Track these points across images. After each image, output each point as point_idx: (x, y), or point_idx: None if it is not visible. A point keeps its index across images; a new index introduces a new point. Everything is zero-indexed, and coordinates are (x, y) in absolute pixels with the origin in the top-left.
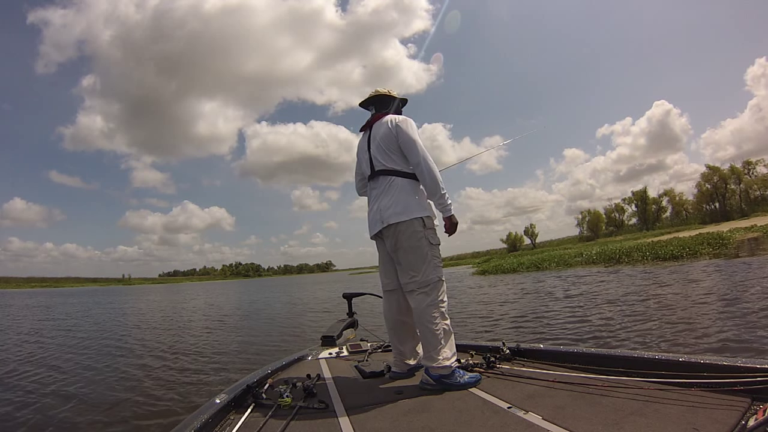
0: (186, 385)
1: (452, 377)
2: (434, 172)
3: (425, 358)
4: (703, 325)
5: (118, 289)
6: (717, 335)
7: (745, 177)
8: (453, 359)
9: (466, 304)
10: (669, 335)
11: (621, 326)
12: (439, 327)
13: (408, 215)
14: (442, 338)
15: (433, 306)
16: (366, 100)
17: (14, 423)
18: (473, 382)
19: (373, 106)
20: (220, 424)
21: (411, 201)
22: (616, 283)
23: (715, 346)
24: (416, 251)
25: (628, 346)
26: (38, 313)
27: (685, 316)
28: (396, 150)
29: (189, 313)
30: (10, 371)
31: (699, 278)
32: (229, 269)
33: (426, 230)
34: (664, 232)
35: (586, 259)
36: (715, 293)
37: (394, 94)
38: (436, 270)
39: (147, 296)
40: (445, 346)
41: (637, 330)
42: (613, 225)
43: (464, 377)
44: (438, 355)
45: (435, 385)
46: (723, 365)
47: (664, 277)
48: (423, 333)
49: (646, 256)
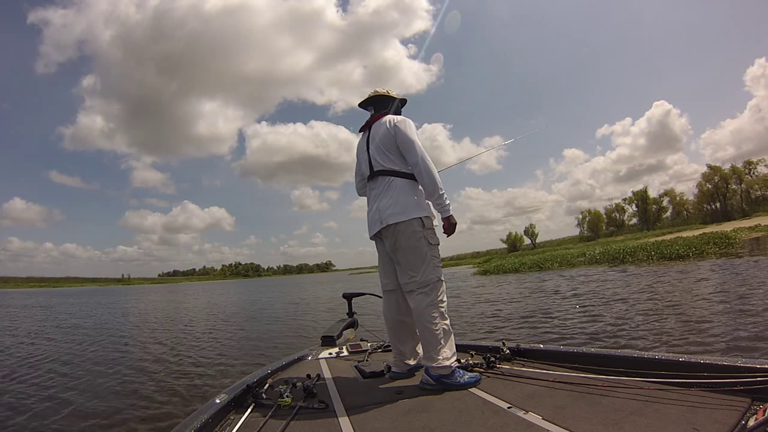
0: (186, 385)
1: (452, 377)
2: (432, 172)
3: (425, 358)
4: (719, 324)
5: (116, 289)
6: (732, 333)
7: (746, 177)
8: (453, 359)
9: (473, 304)
10: (682, 334)
11: (635, 326)
12: (439, 327)
13: (407, 215)
14: (441, 338)
15: (432, 306)
16: (365, 100)
17: (14, 424)
18: (473, 382)
19: (372, 107)
20: (220, 424)
21: (410, 201)
22: (622, 282)
23: (733, 345)
24: (415, 251)
25: (638, 346)
26: (37, 313)
27: (699, 315)
28: (394, 150)
29: (188, 312)
30: (7, 374)
31: (708, 277)
32: (229, 269)
33: (425, 230)
34: (666, 232)
35: (590, 259)
36: (728, 292)
37: (393, 95)
38: (436, 270)
39: (145, 296)
40: (444, 346)
41: (650, 329)
42: (614, 225)
43: (464, 377)
44: (438, 355)
45: (435, 385)
46: (723, 365)
47: (672, 276)
48: (422, 333)
49: (652, 255)
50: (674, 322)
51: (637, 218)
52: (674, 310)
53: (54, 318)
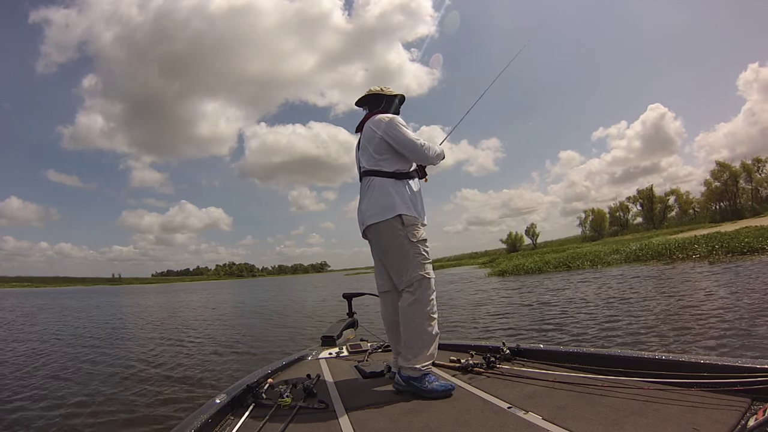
0: (185, 385)
1: (420, 381)
2: (437, 156)
3: (401, 356)
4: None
5: (103, 289)
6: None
7: (756, 175)
8: (426, 363)
9: (532, 310)
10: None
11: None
12: (420, 327)
13: (385, 215)
14: (420, 339)
15: (415, 305)
16: (360, 99)
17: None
18: (442, 390)
19: (367, 106)
20: (220, 424)
21: (388, 201)
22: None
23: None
24: (398, 250)
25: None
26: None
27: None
28: (377, 150)
29: (182, 312)
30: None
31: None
32: (223, 269)
33: (405, 228)
34: (677, 231)
35: (626, 257)
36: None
37: (388, 92)
38: (420, 267)
39: (130, 299)
40: (422, 347)
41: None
42: (618, 224)
43: (433, 383)
44: (411, 356)
45: (405, 386)
46: (723, 365)
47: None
48: (403, 332)
49: (716, 248)
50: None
51: (641, 217)
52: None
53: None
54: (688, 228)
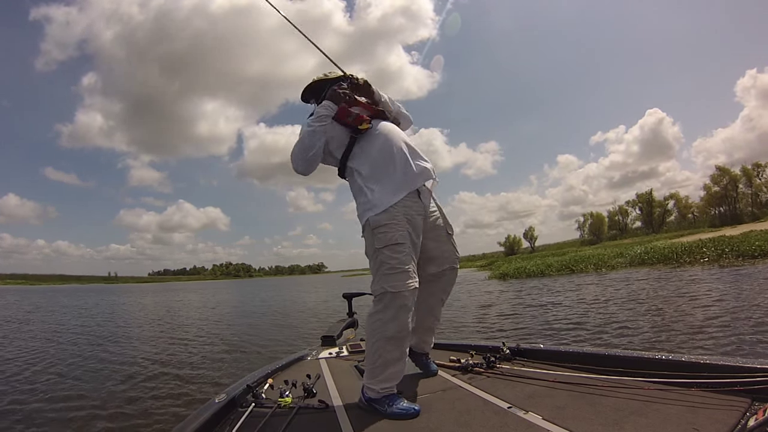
0: (185, 385)
1: (380, 403)
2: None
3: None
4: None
5: (100, 288)
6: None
7: (755, 179)
8: (382, 386)
9: (547, 314)
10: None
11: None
12: (374, 345)
13: (361, 221)
14: (381, 358)
15: (371, 320)
16: (305, 90)
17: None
18: (402, 414)
19: (314, 99)
20: (220, 424)
21: (358, 206)
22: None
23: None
24: (370, 259)
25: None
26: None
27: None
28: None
29: (181, 312)
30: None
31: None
32: (220, 269)
33: (372, 231)
34: (678, 235)
35: (631, 260)
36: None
37: (332, 76)
38: (382, 279)
39: (128, 297)
40: (376, 368)
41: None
42: (616, 228)
43: (393, 407)
44: (367, 375)
45: (367, 405)
46: (723, 365)
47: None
48: (366, 345)
49: (725, 252)
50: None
51: (640, 221)
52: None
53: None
54: (689, 232)
